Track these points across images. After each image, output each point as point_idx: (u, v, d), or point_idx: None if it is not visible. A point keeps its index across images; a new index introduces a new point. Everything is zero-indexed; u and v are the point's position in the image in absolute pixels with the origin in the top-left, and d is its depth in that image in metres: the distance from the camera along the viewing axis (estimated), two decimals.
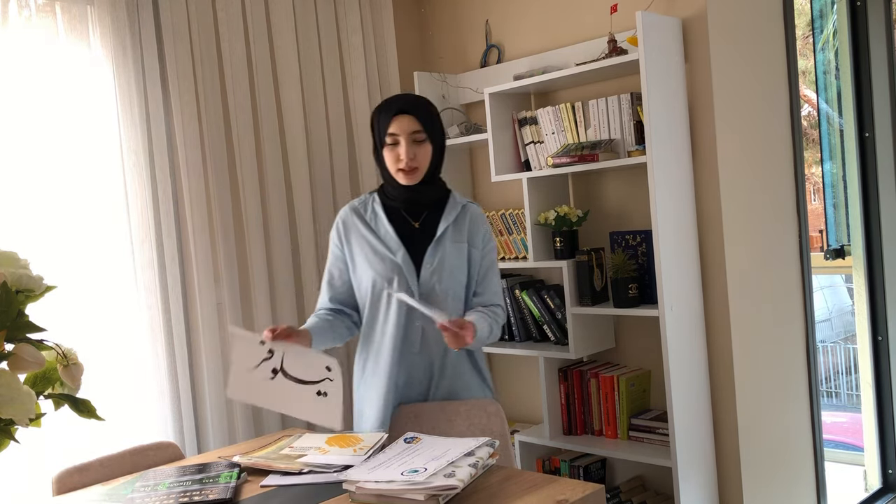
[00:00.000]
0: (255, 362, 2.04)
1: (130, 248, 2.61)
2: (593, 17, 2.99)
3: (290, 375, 2.04)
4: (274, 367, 2.04)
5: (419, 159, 2.17)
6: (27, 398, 1.20)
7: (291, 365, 2.04)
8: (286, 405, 2.09)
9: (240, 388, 2.07)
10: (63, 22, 2.51)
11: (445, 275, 2.18)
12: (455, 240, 2.22)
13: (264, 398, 2.08)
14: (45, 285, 1.29)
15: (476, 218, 2.28)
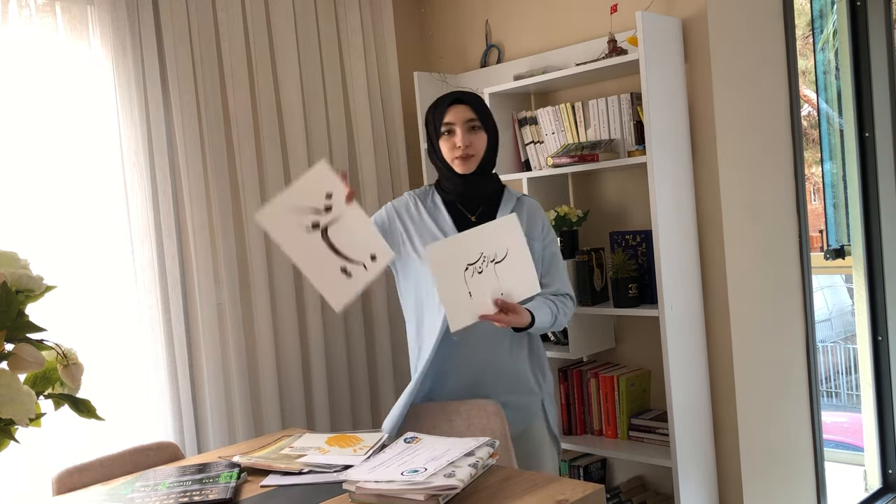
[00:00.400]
0: (305, 205, 1.89)
1: (130, 248, 2.61)
2: (593, 17, 2.99)
3: (328, 238, 1.91)
4: (320, 222, 1.89)
5: (475, 146, 2.21)
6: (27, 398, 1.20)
7: (339, 232, 1.91)
8: (305, 262, 1.95)
9: (272, 217, 1.90)
10: (63, 22, 2.51)
11: None
12: None
13: (289, 243, 1.92)
14: (45, 285, 1.29)
15: (533, 209, 2.30)
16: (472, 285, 1.93)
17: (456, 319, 1.93)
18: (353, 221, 1.92)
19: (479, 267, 1.94)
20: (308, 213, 1.89)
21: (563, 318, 2.22)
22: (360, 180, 3.24)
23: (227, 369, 2.81)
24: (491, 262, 1.95)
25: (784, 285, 3.07)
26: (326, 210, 1.89)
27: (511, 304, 2.01)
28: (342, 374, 3.13)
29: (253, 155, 2.91)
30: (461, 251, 1.92)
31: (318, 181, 1.90)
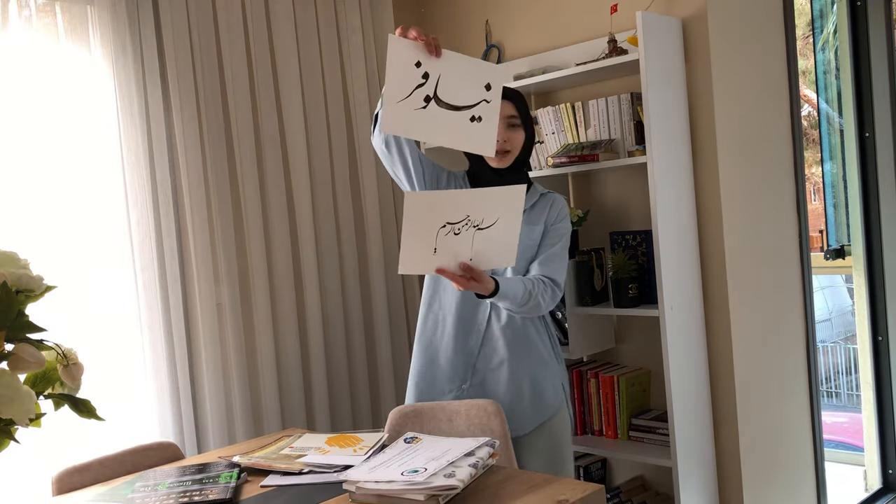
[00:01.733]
0: (407, 90, 1.92)
1: (130, 248, 2.61)
2: (593, 17, 2.99)
3: (443, 102, 1.93)
4: (427, 94, 1.92)
5: (512, 143, 2.26)
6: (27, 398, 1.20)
7: (446, 88, 1.94)
8: (438, 134, 1.99)
9: (392, 121, 1.95)
10: (63, 22, 2.51)
11: (519, 254, 2.19)
12: (531, 222, 2.29)
13: (417, 129, 1.98)
14: (45, 285, 1.29)
15: (556, 204, 2.34)
16: (441, 243, 1.91)
17: (407, 264, 1.95)
18: (454, 64, 1.94)
19: (457, 228, 1.92)
20: (413, 94, 1.91)
21: (540, 299, 2.19)
22: (361, 180, 3.24)
23: (226, 369, 2.81)
24: (472, 227, 1.93)
25: (784, 285, 3.07)
26: (425, 78, 1.91)
27: (475, 270, 2.00)
28: (342, 374, 3.13)
29: (253, 155, 2.91)
30: (444, 207, 1.89)
31: (400, 57, 1.90)
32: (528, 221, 2.28)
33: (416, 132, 2.01)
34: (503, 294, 2.10)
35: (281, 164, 2.99)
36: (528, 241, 2.27)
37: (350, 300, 3.17)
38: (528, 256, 2.28)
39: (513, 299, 2.14)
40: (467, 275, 1.99)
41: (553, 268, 2.27)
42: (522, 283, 2.17)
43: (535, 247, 2.30)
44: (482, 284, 2.03)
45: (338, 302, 3.13)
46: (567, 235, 2.34)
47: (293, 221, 3.03)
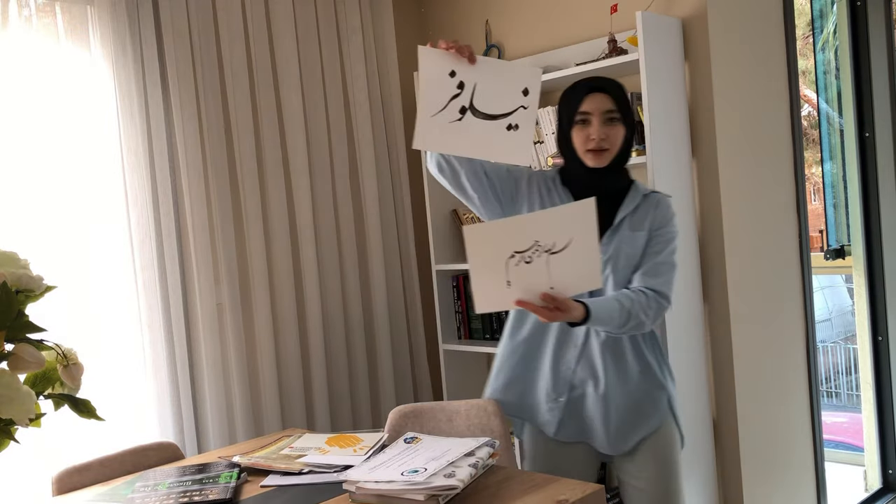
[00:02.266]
0: (442, 103, 1.84)
1: (130, 248, 2.61)
2: (593, 17, 2.99)
3: (479, 112, 1.85)
4: (462, 104, 1.84)
5: (610, 140, 2.03)
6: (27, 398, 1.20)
7: (483, 96, 1.85)
8: (473, 147, 1.91)
9: (426, 136, 1.86)
10: (63, 22, 2.51)
11: (621, 264, 2.04)
12: (634, 228, 2.07)
13: (452, 142, 1.89)
14: (44, 285, 1.29)
15: (661, 206, 2.11)
16: (514, 274, 1.76)
17: (483, 302, 1.80)
18: (490, 71, 1.85)
19: (528, 256, 1.75)
20: (448, 105, 1.84)
21: (642, 316, 1.97)
22: (361, 180, 3.24)
23: (227, 369, 2.81)
24: (544, 253, 1.75)
25: (784, 285, 3.07)
26: (460, 88, 1.83)
27: (557, 299, 1.81)
28: (342, 374, 3.13)
29: (253, 155, 2.91)
30: (509, 236, 1.75)
31: (433, 69, 1.82)
32: (631, 227, 2.06)
33: (451, 146, 1.90)
34: (596, 318, 1.90)
35: (281, 164, 2.99)
36: (630, 250, 2.05)
37: (350, 300, 3.17)
38: (631, 266, 2.05)
39: (608, 322, 1.93)
40: (550, 305, 1.81)
41: (659, 279, 2.03)
42: (619, 301, 1.95)
43: (639, 256, 2.06)
44: (568, 313, 1.84)
45: (338, 302, 3.13)
46: (675, 241, 2.09)
47: (293, 221, 3.03)
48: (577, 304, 1.85)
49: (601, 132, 2.01)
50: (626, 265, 2.04)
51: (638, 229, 2.06)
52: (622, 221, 2.07)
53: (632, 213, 2.08)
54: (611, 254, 2.04)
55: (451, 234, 3.31)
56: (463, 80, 1.82)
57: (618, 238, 2.05)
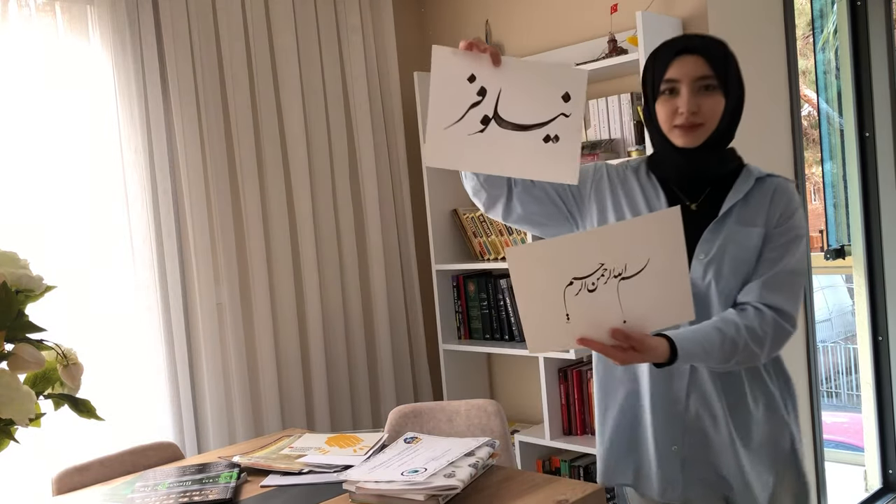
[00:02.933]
0: (459, 111, 1.50)
1: (130, 248, 2.61)
2: (593, 17, 2.99)
3: (506, 122, 1.52)
4: (485, 113, 1.51)
5: (704, 113, 1.59)
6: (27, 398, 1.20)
7: (510, 104, 1.51)
8: (501, 163, 1.55)
9: (438, 150, 1.52)
10: (63, 21, 2.51)
11: (727, 269, 1.57)
12: (745, 222, 1.60)
13: (472, 159, 1.54)
14: (44, 285, 1.29)
15: (782, 193, 1.63)
16: (575, 306, 1.42)
17: (538, 341, 1.46)
18: (518, 75, 1.52)
19: (592, 282, 1.41)
20: (467, 114, 1.51)
21: (752, 343, 1.53)
22: (361, 181, 3.24)
23: (226, 369, 2.81)
24: (613, 278, 1.41)
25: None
26: (482, 95, 1.50)
27: (632, 337, 1.43)
28: (342, 374, 3.13)
29: (253, 155, 2.91)
30: (565, 259, 1.41)
31: (448, 73, 1.50)
32: (740, 220, 1.60)
33: (472, 162, 1.56)
34: (686, 355, 1.48)
35: (281, 164, 2.99)
36: (738, 252, 1.58)
37: (350, 300, 3.17)
38: (740, 274, 1.58)
39: (704, 358, 1.51)
40: (624, 343, 1.43)
41: (780, 293, 1.56)
42: (719, 331, 1.51)
43: (752, 260, 1.59)
44: (648, 353, 1.45)
45: (338, 302, 3.13)
46: (801, 242, 1.61)
47: (293, 221, 3.03)
48: (658, 339, 1.46)
49: (691, 103, 1.58)
50: (734, 272, 1.58)
51: (750, 224, 1.59)
52: (729, 213, 1.60)
53: (742, 201, 1.61)
54: (713, 255, 1.58)
55: (451, 234, 3.31)
56: (485, 85, 1.50)
57: (723, 234, 1.59)
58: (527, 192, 1.68)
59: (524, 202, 1.68)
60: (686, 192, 1.65)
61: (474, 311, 3.24)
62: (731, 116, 1.65)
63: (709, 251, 1.59)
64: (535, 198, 1.69)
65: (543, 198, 1.69)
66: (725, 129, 1.65)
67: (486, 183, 1.65)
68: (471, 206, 3.41)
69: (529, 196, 1.68)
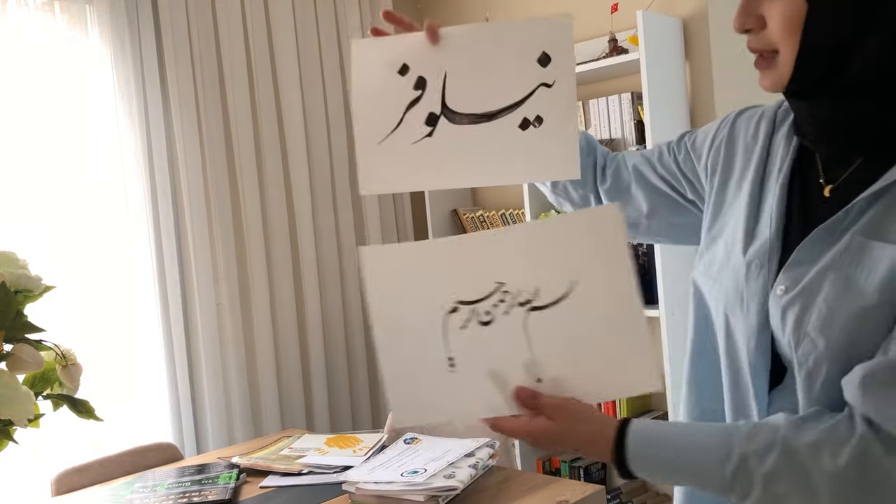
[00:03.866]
0: (394, 116, 1.07)
1: (129, 248, 2.60)
2: (594, 17, 2.99)
3: (461, 115, 1.07)
4: (430, 110, 1.07)
5: (773, 30, 0.95)
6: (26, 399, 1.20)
7: (462, 89, 1.06)
8: (467, 171, 1.08)
9: (375, 172, 1.09)
10: (62, 21, 2.51)
11: (826, 318, 0.83)
12: (877, 231, 0.83)
13: (422, 174, 1.09)
14: (43, 285, 1.28)
15: None
16: (459, 345, 0.93)
17: (405, 406, 0.96)
18: (470, 48, 1.08)
19: (485, 310, 0.93)
20: (404, 120, 1.08)
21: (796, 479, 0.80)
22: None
23: (226, 370, 2.81)
24: (519, 305, 0.92)
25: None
26: (420, 86, 1.07)
27: (547, 404, 0.89)
28: (342, 374, 3.13)
29: (252, 155, 2.90)
30: (448, 272, 0.96)
31: (371, 70, 1.08)
32: (871, 229, 0.84)
33: (423, 178, 1.11)
34: (648, 461, 0.86)
35: (280, 164, 2.98)
36: (849, 295, 0.82)
37: (350, 300, 3.17)
38: (852, 336, 0.81)
39: (683, 474, 0.86)
40: (529, 411, 0.89)
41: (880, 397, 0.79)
42: (728, 436, 0.84)
43: (872, 314, 0.80)
44: (570, 436, 0.88)
45: (337, 302, 3.12)
46: None
47: (292, 221, 3.03)
48: (597, 418, 0.88)
49: (742, 18, 0.99)
50: (843, 327, 0.82)
51: (885, 237, 0.82)
52: (855, 214, 0.85)
53: (886, 197, 0.84)
54: (802, 288, 0.85)
55: (451, 234, 3.31)
56: (422, 74, 1.07)
57: (834, 251, 0.85)
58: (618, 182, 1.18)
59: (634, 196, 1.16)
60: (829, 167, 0.92)
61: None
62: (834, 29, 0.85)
63: (797, 280, 0.85)
64: (648, 186, 1.14)
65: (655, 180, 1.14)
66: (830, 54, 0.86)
67: (557, 191, 1.22)
68: (471, 206, 3.42)
69: (638, 185, 1.15)
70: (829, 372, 0.83)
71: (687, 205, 1.14)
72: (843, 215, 0.86)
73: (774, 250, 0.92)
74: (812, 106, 0.94)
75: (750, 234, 0.95)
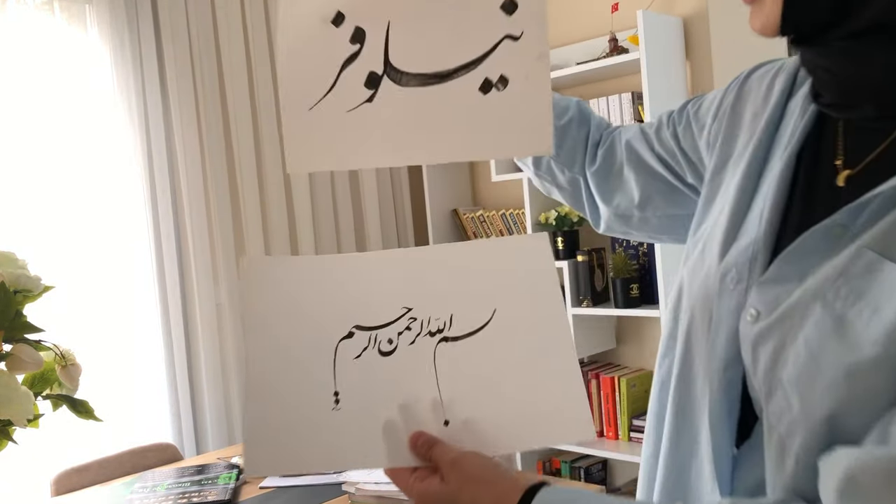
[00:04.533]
0: (328, 77, 0.86)
1: (129, 248, 2.60)
2: (594, 16, 2.98)
3: (408, 74, 0.86)
4: (370, 69, 0.86)
5: None
6: (25, 399, 1.19)
7: (409, 42, 0.86)
8: (415, 145, 0.87)
9: (305, 145, 0.87)
10: (61, 20, 2.50)
11: (804, 361, 0.59)
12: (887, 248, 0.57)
13: (363, 149, 0.87)
14: (43, 285, 1.28)
15: None
16: (349, 376, 0.80)
17: (261, 457, 0.78)
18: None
19: (387, 338, 0.81)
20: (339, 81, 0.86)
21: None
22: (360, 180, 3.23)
23: (225, 370, 2.81)
24: (430, 335, 0.81)
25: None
26: (358, 40, 0.86)
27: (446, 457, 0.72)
28: None
29: (252, 155, 2.90)
30: (346, 291, 0.83)
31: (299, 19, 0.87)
32: (885, 245, 0.58)
33: (364, 154, 0.89)
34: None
35: (280, 163, 2.98)
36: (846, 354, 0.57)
37: None
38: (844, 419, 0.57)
39: None
40: (425, 462, 0.74)
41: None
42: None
43: (885, 383, 0.55)
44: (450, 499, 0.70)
45: None
46: None
47: (292, 221, 3.02)
48: (497, 480, 0.70)
49: None
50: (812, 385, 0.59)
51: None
52: (865, 213, 0.61)
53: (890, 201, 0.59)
54: (777, 317, 0.63)
55: (451, 233, 3.31)
56: (360, 24, 0.86)
57: (827, 271, 0.61)
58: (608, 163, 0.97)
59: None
60: (851, 146, 0.68)
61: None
62: None
63: (775, 303, 0.64)
64: (644, 168, 0.94)
65: (653, 163, 0.93)
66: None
67: (541, 172, 1.02)
68: (471, 206, 3.41)
69: (631, 167, 0.95)
70: (806, 444, 0.58)
71: (687, 191, 0.91)
72: (851, 214, 0.60)
73: (759, 257, 0.67)
74: (821, 55, 0.70)
75: (732, 231, 0.71)
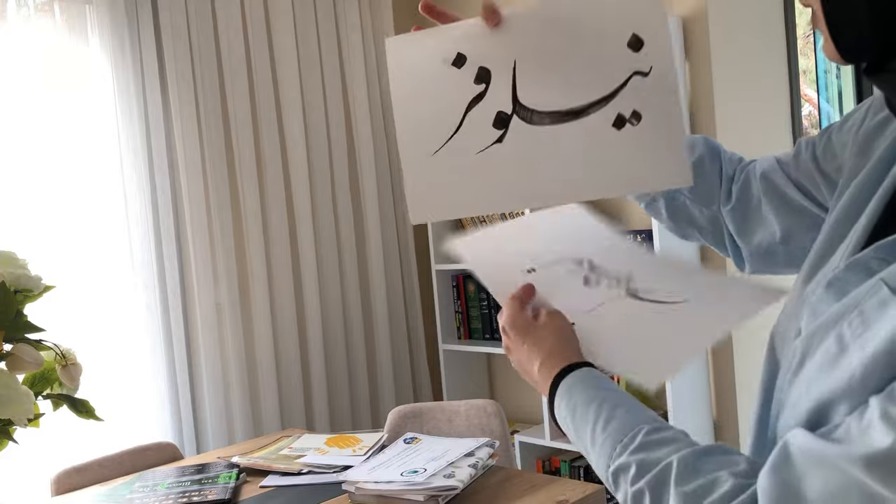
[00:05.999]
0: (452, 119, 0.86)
1: (129, 248, 2.60)
2: None
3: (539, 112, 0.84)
4: (499, 109, 0.85)
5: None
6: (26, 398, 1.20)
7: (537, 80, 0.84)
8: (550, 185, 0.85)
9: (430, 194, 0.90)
10: (62, 21, 2.51)
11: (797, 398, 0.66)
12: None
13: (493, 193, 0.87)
14: (43, 285, 1.28)
15: None
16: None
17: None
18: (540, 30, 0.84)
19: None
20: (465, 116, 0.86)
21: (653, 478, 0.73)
22: (360, 179, 3.23)
23: (226, 369, 2.81)
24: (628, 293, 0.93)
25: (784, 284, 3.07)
26: (483, 80, 0.85)
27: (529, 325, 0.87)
28: (342, 374, 3.13)
29: (252, 155, 2.90)
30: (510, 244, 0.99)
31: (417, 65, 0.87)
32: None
33: (496, 198, 0.87)
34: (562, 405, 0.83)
35: (280, 164, 2.98)
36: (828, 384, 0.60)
37: (350, 300, 3.17)
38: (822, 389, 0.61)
39: (573, 431, 0.83)
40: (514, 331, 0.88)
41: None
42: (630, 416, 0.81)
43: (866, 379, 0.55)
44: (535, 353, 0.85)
45: (338, 302, 3.12)
46: None
47: (292, 221, 3.03)
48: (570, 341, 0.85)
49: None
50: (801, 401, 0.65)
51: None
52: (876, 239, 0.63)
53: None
54: (805, 337, 0.67)
55: (451, 233, 3.31)
56: (485, 64, 0.84)
57: (848, 302, 0.61)
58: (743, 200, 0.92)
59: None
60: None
61: (474, 311, 3.24)
62: None
63: (807, 325, 0.67)
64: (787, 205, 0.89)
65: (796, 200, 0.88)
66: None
67: (677, 215, 0.96)
68: None
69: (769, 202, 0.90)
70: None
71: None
72: (889, 249, 0.59)
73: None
74: (881, 82, 0.65)
75: (818, 262, 0.68)
